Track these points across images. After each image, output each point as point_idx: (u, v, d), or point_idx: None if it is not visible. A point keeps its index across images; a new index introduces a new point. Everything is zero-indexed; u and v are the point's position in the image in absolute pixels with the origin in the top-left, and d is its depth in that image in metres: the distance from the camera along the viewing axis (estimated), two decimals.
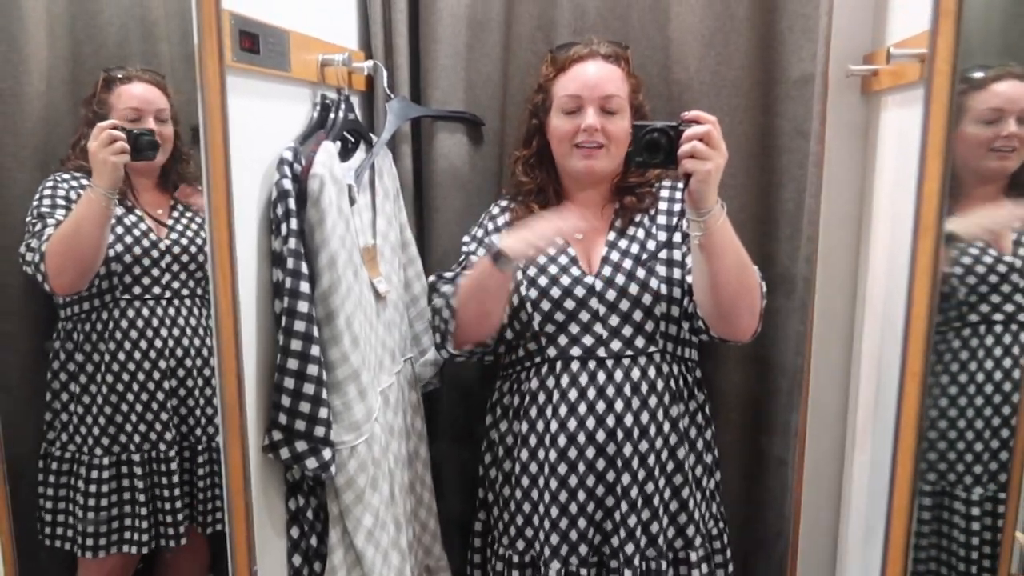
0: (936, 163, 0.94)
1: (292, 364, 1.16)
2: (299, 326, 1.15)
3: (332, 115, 1.33)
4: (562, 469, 1.36)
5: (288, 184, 1.16)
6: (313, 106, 1.34)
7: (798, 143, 1.51)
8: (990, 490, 1.20)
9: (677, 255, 1.38)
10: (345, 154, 1.38)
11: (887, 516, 1.07)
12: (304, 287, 1.16)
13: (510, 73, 1.62)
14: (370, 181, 1.45)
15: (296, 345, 1.15)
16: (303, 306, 1.15)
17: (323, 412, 1.18)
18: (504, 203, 1.52)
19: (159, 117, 1.13)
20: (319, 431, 1.18)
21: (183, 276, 1.19)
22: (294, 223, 1.16)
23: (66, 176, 1.08)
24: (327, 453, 1.19)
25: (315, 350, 1.16)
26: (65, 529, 1.13)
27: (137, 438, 1.16)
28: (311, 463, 1.19)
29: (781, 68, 1.52)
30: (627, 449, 1.35)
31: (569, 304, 1.37)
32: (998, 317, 1.15)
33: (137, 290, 1.16)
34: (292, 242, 1.15)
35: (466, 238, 1.50)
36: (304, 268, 1.16)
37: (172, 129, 1.14)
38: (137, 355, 1.16)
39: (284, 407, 1.17)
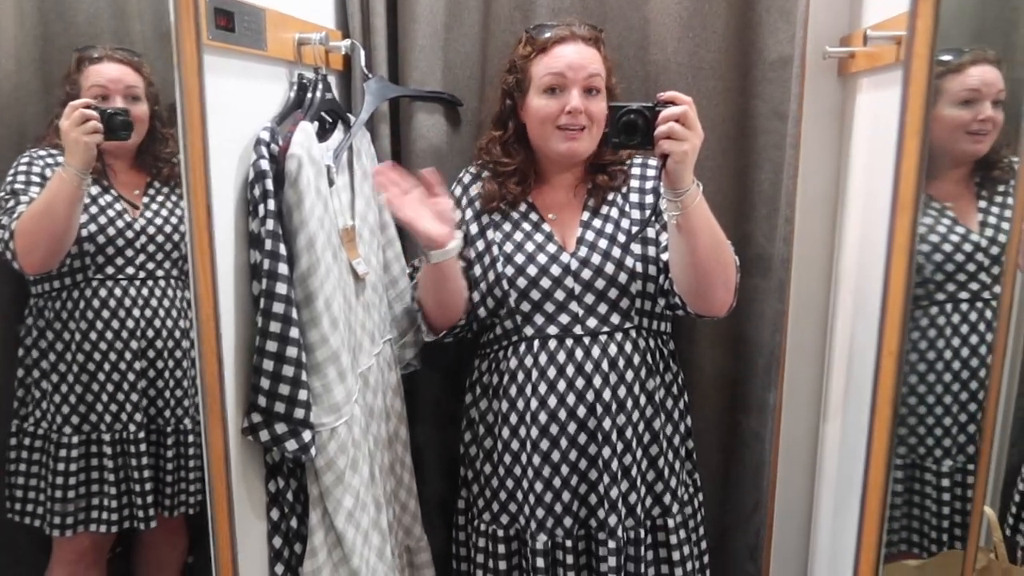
0: (914, 142, 0.95)
1: (271, 346, 1.15)
2: (278, 308, 1.15)
3: (309, 95, 1.31)
4: (544, 444, 1.38)
5: (265, 164, 1.15)
6: (290, 85, 1.32)
7: (775, 125, 1.52)
8: (959, 462, 1.23)
9: (651, 233, 1.39)
10: (323, 134, 1.36)
11: (862, 492, 1.10)
12: (282, 268, 1.15)
13: (488, 53, 1.61)
14: (348, 162, 1.44)
15: (275, 327, 1.15)
16: (282, 288, 1.15)
17: (303, 394, 1.18)
18: (474, 171, 1.52)
19: (129, 95, 1.11)
20: (299, 413, 1.18)
21: (158, 257, 1.18)
22: (272, 204, 1.15)
23: (42, 153, 1.06)
24: (307, 435, 1.19)
25: (294, 332, 1.16)
26: (35, 506, 1.12)
27: (108, 418, 1.15)
28: (291, 445, 1.18)
29: (758, 50, 1.53)
30: (606, 423, 1.37)
31: (545, 283, 1.38)
32: (964, 295, 1.18)
33: (110, 270, 1.14)
34: (270, 223, 1.14)
35: None
36: (282, 249, 1.15)
37: (146, 108, 1.13)
38: (109, 335, 1.15)
39: (263, 389, 1.16)
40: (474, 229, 1.46)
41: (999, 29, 1.19)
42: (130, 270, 1.16)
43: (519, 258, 1.39)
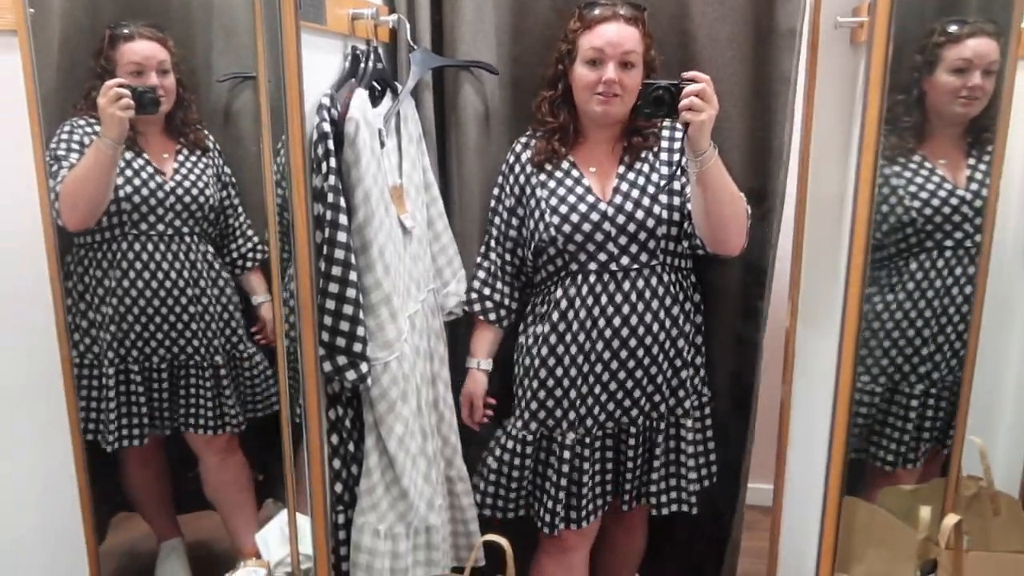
0: (875, 94, 1.13)
1: (333, 288, 1.29)
2: (339, 254, 1.29)
3: (362, 65, 1.45)
4: (580, 359, 1.62)
5: (327, 127, 1.28)
6: (344, 57, 1.45)
7: (785, 89, 1.64)
8: (927, 387, 1.42)
9: (677, 186, 1.60)
10: (373, 101, 1.48)
11: (833, 406, 1.25)
12: (343, 219, 1.29)
13: (528, 25, 1.74)
14: (396, 126, 1.57)
15: (336, 271, 1.29)
16: (342, 236, 1.28)
17: (360, 330, 1.32)
18: (524, 139, 1.71)
19: (160, 69, 1.25)
20: (357, 347, 1.32)
21: (184, 215, 1.33)
22: (333, 162, 1.28)
23: (81, 122, 1.21)
24: (364, 367, 1.34)
25: (353, 275, 1.30)
26: (96, 424, 1.32)
27: (135, 352, 1.33)
28: (350, 375, 1.33)
29: (774, 20, 1.64)
30: (633, 341, 1.61)
31: (586, 227, 1.59)
32: (948, 243, 1.31)
33: (144, 227, 1.30)
34: (332, 179, 1.28)
35: (495, 191, 1.74)
36: (342, 202, 1.29)
37: (173, 80, 1.27)
38: (140, 283, 1.30)
39: (326, 325, 1.30)
40: (527, 188, 1.66)
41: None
42: (161, 227, 1.31)
43: (563, 208, 1.60)
